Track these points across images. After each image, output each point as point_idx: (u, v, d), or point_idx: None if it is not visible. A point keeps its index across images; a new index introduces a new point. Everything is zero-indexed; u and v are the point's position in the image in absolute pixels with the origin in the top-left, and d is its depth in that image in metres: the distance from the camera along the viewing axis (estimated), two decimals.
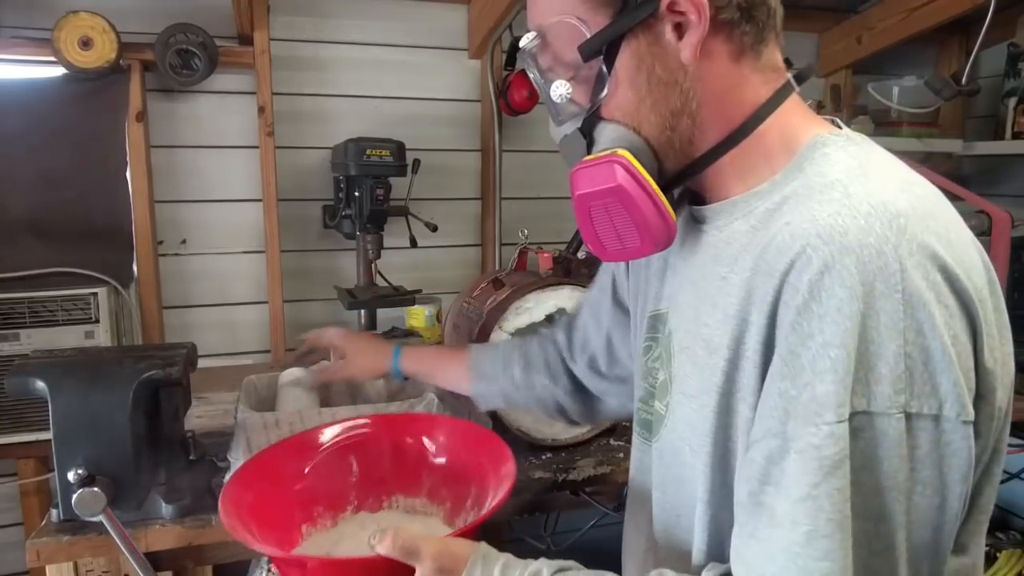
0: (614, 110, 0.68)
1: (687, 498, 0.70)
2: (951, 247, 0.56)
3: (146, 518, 1.03)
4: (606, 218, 0.68)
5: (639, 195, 0.65)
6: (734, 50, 0.65)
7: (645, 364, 0.80)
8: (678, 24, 0.63)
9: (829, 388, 0.53)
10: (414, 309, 1.92)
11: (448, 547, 0.69)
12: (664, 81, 0.65)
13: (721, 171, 0.69)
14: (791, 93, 0.68)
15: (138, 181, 1.74)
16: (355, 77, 1.97)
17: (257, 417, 1.11)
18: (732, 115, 0.67)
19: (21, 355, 1.34)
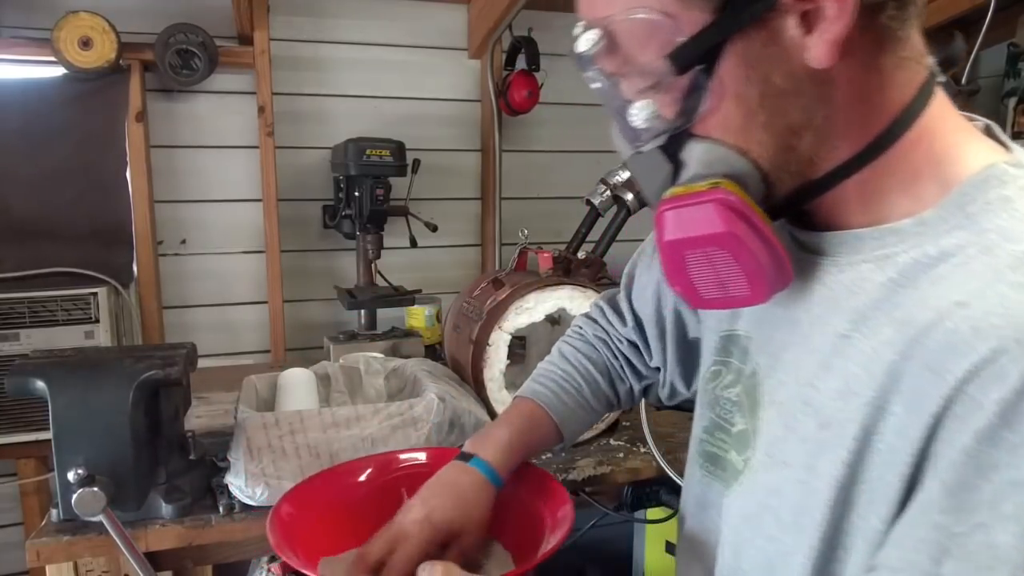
0: (714, 127, 0.53)
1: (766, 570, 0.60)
2: None
3: (146, 518, 1.03)
4: (706, 266, 0.55)
5: (751, 241, 0.52)
6: (877, 41, 0.50)
7: (712, 391, 0.69)
8: (805, 14, 0.48)
9: (1012, 540, 0.42)
10: (414, 309, 1.92)
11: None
12: (783, 91, 0.51)
13: (843, 195, 0.55)
14: (935, 87, 0.53)
15: (138, 181, 1.74)
16: (355, 77, 1.97)
17: (257, 417, 1.12)
18: (868, 125, 0.52)
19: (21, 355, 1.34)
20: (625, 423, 1.40)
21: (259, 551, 1.21)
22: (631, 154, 0.59)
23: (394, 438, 1.12)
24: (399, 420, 1.15)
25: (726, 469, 0.66)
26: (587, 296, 1.31)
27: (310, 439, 1.10)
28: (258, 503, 1.05)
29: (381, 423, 1.14)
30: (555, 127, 2.20)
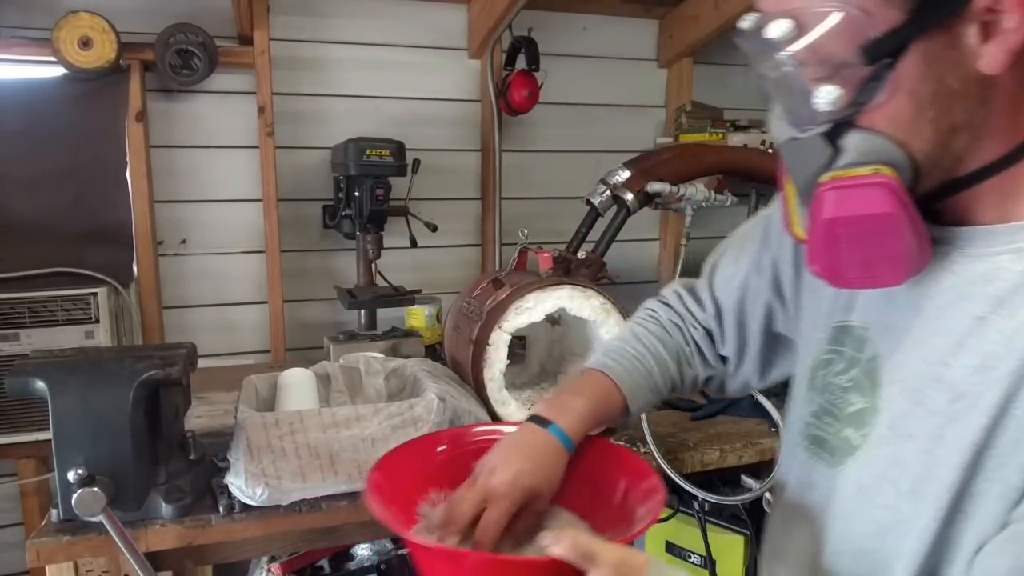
0: (881, 119, 0.58)
1: (882, 538, 0.64)
2: None
3: (146, 518, 1.03)
4: (855, 245, 0.60)
5: (905, 225, 0.57)
6: None
7: (823, 378, 0.73)
8: (985, 24, 0.53)
9: None
10: (414, 309, 1.92)
11: (628, 556, 0.62)
12: (953, 92, 0.56)
13: (980, 193, 0.60)
14: None
15: (138, 181, 1.74)
16: (355, 77, 1.97)
17: (257, 417, 1.12)
18: (1016, 130, 0.58)
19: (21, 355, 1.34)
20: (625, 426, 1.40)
21: (259, 551, 1.22)
22: (786, 140, 0.64)
23: (394, 438, 1.12)
24: (399, 420, 1.15)
25: (834, 450, 0.70)
26: (587, 296, 1.31)
27: (310, 439, 1.10)
28: (258, 503, 1.05)
29: (381, 423, 1.14)
30: (555, 127, 2.20)
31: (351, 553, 1.77)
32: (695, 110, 2.17)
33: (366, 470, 1.10)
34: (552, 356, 1.60)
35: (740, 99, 2.33)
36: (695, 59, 2.26)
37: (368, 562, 1.75)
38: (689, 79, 2.27)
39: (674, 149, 1.89)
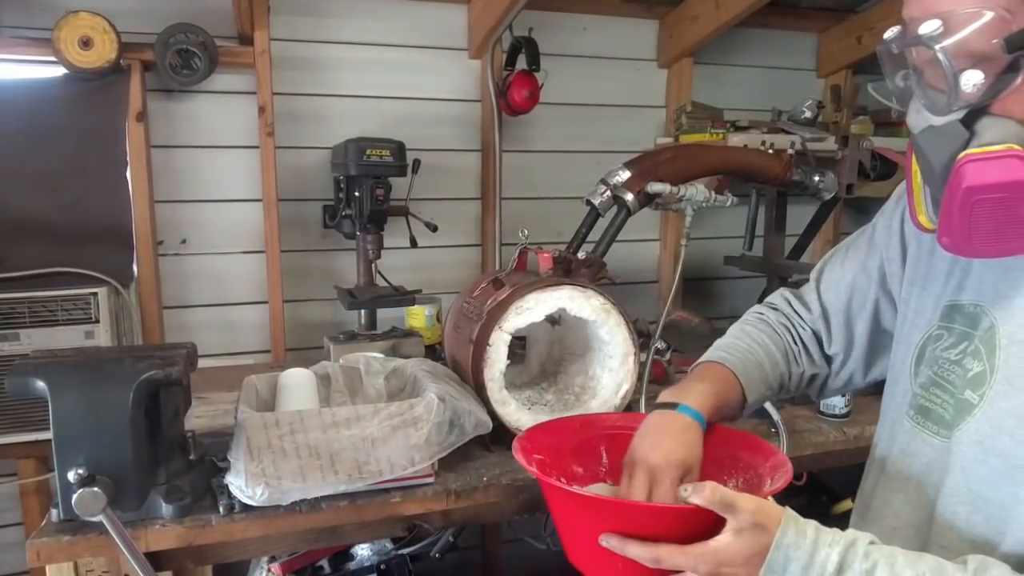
0: (1013, 106, 0.68)
1: (998, 484, 0.72)
2: None
3: (146, 518, 1.03)
4: (992, 213, 0.68)
5: None
6: None
7: (933, 352, 0.82)
8: None
9: None
10: (414, 309, 1.92)
11: (763, 505, 0.70)
12: None
13: None
14: None
15: (138, 181, 1.74)
16: (355, 77, 1.97)
17: (257, 417, 1.11)
18: None
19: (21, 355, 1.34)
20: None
21: (259, 551, 1.22)
22: (923, 129, 0.73)
23: (394, 438, 1.12)
24: (399, 420, 1.15)
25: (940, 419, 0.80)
26: (587, 296, 1.31)
27: (310, 439, 1.10)
28: (258, 503, 1.04)
29: (381, 423, 1.14)
30: (555, 127, 2.20)
31: (351, 553, 1.77)
32: (695, 110, 2.17)
33: (366, 470, 1.11)
34: (552, 356, 1.60)
35: (740, 99, 2.33)
36: (695, 59, 2.26)
37: (368, 562, 1.75)
38: (689, 79, 2.27)
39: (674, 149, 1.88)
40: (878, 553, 0.66)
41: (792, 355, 1.03)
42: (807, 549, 0.67)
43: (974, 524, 0.74)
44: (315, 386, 1.34)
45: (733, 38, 2.27)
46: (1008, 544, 0.70)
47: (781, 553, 0.67)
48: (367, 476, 1.11)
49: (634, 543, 0.73)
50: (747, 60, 2.38)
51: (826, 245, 2.39)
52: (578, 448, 0.98)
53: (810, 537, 0.67)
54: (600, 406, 1.35)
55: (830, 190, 1.70)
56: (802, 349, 1.03)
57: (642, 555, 0.72)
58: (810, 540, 0.67)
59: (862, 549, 0.66)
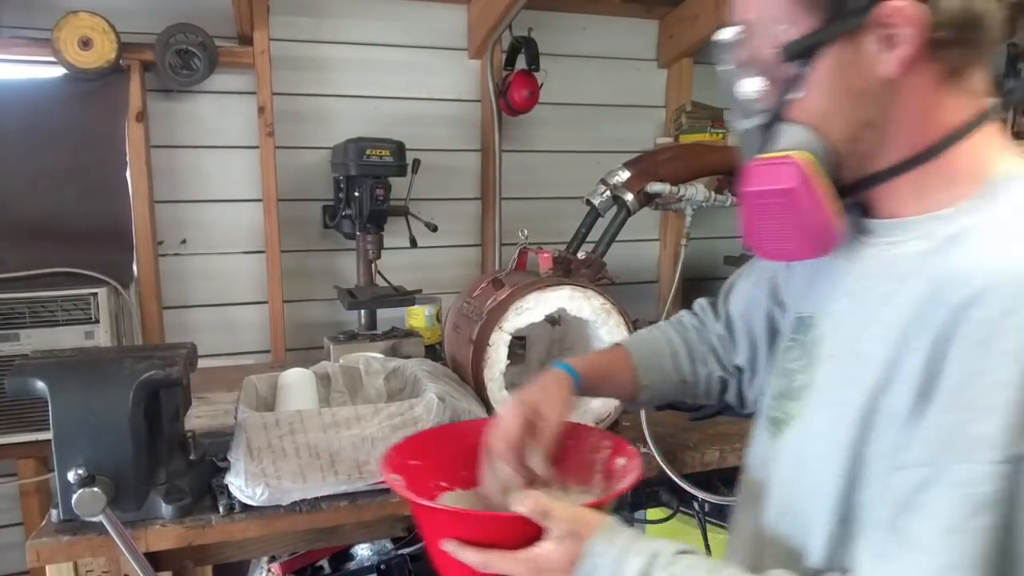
0: (802, 113, 0.68)
1: (805, 501, 0.71)
2: None
3: (146, 518, 1.03)
4: (769, 217, 0.69)
5: (809, 201, 0.66)
6: (938, 71, 0.64)
7: (782, 364, 0.82)
8: (886, 37, 0.62)
9: (994, 427, 0.53)
10: (414, 309, 1.92)
11: (580, 514, 0.73)
12: (859, 92, 0.65)
13: (898, 189, 0.68)
14: (990, 119, 0.66)
15: (138, 181, 1.74)
16: (355, 77, 1.97)
17: (257, 417, 1.12)
18: (922, 135, 0.65)
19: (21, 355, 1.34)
20: (625, 423, 1.40)
21: (259, 551, 1.22)
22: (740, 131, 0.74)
23: (394, 438, 1.12)
24: (399, 420, 1.15)
25: (783, 420, 0.79)
26: (587, 296, 1.31)
27: (310, 439, 1.10)
28: (258, 503, 1.05)
29: (381, 423, 1.14)
30: (555, 127, 2.20)
31: (351, 553, 1.77)
32: (695, 110, 2.17)
33: (366, 470, 1.11)
34: (552, 356, 1.60)
35: None
36: (695, 59, 2.26)
37: (368, 562, 1.75)
38: (689, 79, 2.27)
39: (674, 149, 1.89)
40: (680, 564, 0.67)
41: (699, 355, 1.03)
42: (613, 557, 0.69)
43: (793, 537, 0.73)
44: (315, 386, 1.34)
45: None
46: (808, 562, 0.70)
47: (590, 561, 0.70)
48: (367, 476, 1.11)
49: (469, 549, 0.77)
50: None
51: None
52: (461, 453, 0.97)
53: (618, 546, 0.69)
54: (600, 406, 1.35)
55: None
56: (709, 351, 1.03)
57: (474, 560, 0.76)
58: (618, 549, 0.69)
59: (664, 559, 0.67)
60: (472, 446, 0.96)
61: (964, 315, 0.56)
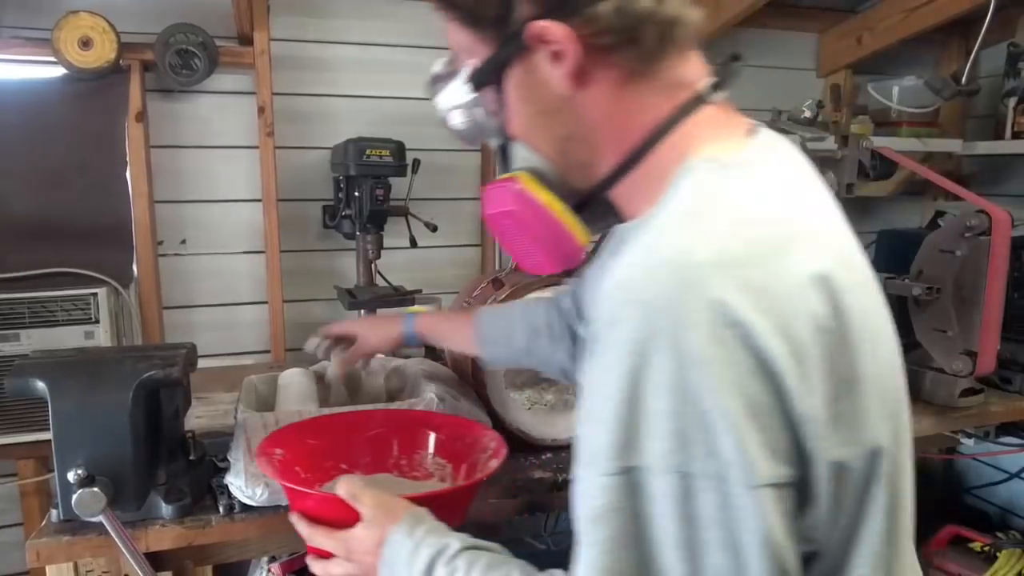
0: (515, 133, 0.70)
1: None
2: (765, 297, 0.51)
3: (146, 518, 1.03)
4: (511, 237, 0.72)
5: (532, 219, 0.68)
6: (619, 74, 0.63)
7: None
8: (552, 54, 0.62)
9: (604, 439, 0.53)
10: (414, 309, 1.92)
11: (387, 501, 0.80)
12: (549, 109, 0.66)
13: (626, 193, 0.68)
14: (698, 107, 0.65)
15: (138, 181, 1.74)
16: (355, 77, 1.97)
17: (257, 417, 1.12)
18: (625, 138, 0.65)
19: (21, 355, 1.34)
20: None
21: (259, 551, 1.21)
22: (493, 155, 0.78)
23: None
24: None
25: None
26: None
27: None
28: (258, 503, 1.05)
29: None
30: None
31: None
32: None
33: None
34: None
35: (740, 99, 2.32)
36: None
37: None
38: None
39: None
40: (463, 559, 0.70)
41: (554, 330, 1.08)
42: (409, 548, 0.73)
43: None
44: (315, 386, 1.34)
45: (733, 38, 2.27)
46: None
47: (391, 549, 0.75)
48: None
49: (301, 522, 0.85)
50: (747, 60, 2.36)
51: None
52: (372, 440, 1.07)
53: (415, 538, 0.73)
54: None
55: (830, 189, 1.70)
56: (565, 328, 1.07)
57: (303, 532, 0.85)
58: (414, 541, 0.73)
59: (448, 554, 0.71)
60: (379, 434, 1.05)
61: (591, 328, 0.58)
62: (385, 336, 1.23)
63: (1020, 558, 2.00)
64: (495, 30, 0.65)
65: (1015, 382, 1.65)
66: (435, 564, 0.70)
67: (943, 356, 1.45)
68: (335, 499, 0.81)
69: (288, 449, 0.98)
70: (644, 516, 0.53)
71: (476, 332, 1.16)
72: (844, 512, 0.57)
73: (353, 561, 0.80)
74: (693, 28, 0.65)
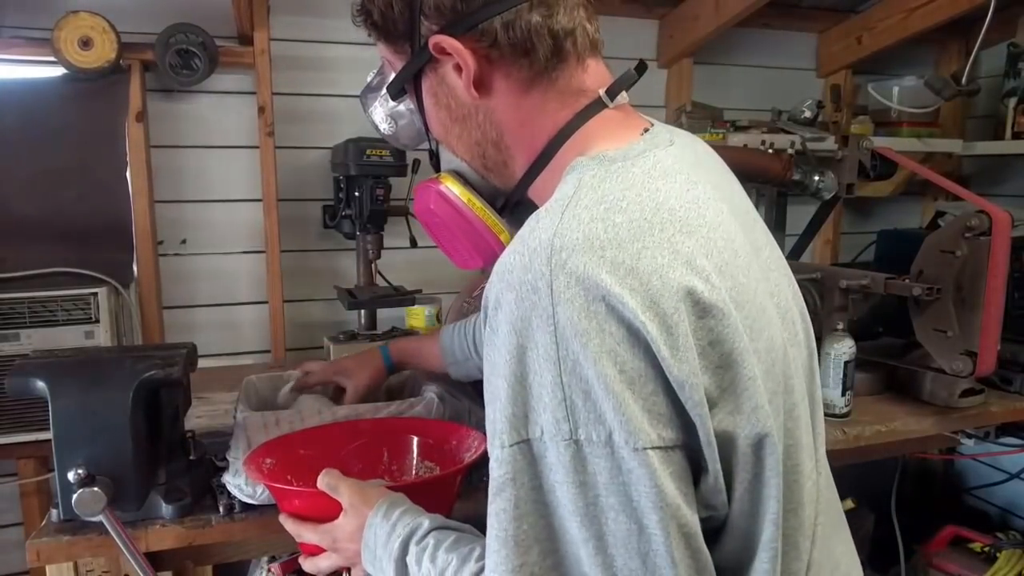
0: (436, 137, 0.76)
1: None
2: (633, 275, 0.55)
3: (146, 518, 1.03)
4: (438, 233, 0.78)
5: (453, 217, 0.74)
6: (519, 82, 0.68)
7: None
8: (456, 65, 0.68)
9: (501, 415, 0.57)
10: (414, 309, 1.92)
11: (364, 489, 0.83)
12: (460, 115, 0.71)
13: (539, 191, 0.73)
14: (597, 112, 0.70)
15: (138, 181, 1.74)
16: (355, 77, 1.96)
17: (257, 417, 1.12)
18: (533, 142, 0.70)
19: (21, 355, 1.34)
20: None
21: (259, 551, 1.22)
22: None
23: None
24: None
25: None
26: None
27: None
28: (258, 503, 1.04)
29: None
30: None
31: None
32: (695, 110, 2.17)
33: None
34: None
35: (740, 99, 2.33)
36: (695, 59, 2.26)
37: None
38: (689, 79, 2.27)
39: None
40: (434, 538, 0.73)
41: None
42: (387, 529, 0.76)
43: None
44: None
45: (733, 38, 2.27)
46: None
47: (371, 532, 0.77)
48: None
49: (289, 520, 0.89)
50: (747, 60, 2.38)
51: (826, 245, 2.39)
52: (362, 448, 1.09)
53: (391, 520, 0.76)
54: None
55: (830, 190, 1.70)
56: None
57: (291, 530, 0.88)
58: (391, 523, 0.76)
59: (420, 533, 0.74)
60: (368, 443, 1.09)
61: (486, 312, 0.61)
62: (374, 373, 1.29)
63: (1020, 559, 2.00)
64: (407, 43, 0.70)
65: (1015, 382, 1.65)
66: (408, 543, 0.73)
67: (943, 356, 1.45)
68: (317, 493, 0.84)
69: (278, 459, 1.01)
70: (546, 487, 0.56)
71: (441, 351, 1.24)
72: (741, 486, 0.59)
73: (339, 551, 0.83)
74: (590, 39, 0.70)
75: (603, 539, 0.54)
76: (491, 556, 0.58)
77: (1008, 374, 1.65)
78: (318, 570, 0.87)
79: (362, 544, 0.78)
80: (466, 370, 1.23)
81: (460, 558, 0.68)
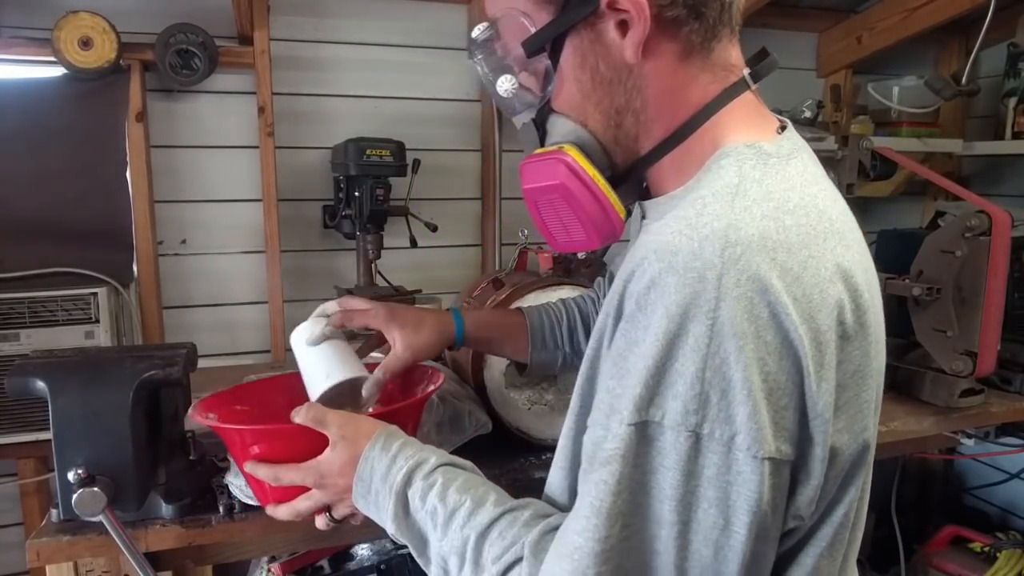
0: (562, 104, 0.69)
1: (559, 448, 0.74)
2: (798, 284, 0.55)
3: (146, 518, 1.03)
4: (552, 212, 0.70)
5: (582, 193, 0.67)
6: (681, 48, 0.64)
7: None
8: (622, 22, 0.63)
9: (630, 392, 0.56)
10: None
11: (354, 420, 0.78)
12: (608, 79, 0.66)
13: (663, 169, 0.69)
14: (742, 92, 0.67)
15: (138, 181, 1.74)
16: (355, 77, 1.97)
17: None
18: (676, 114, 0.66)
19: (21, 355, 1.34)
20: None
21: (259, 551, 1.22)
22: (520, 126, 0.73)
23: None
24: None
25: None
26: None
27: None
28: (258, 503, 1.04)
29: None
30: None
31: (351, 553, 1.77)
32: None
33: None
34: None
35: None
36: None
37: (368, 562, 1.75)
38: None
39: None
40: (442, 475, 0.71)
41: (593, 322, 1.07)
42: (387, 462, 0.73)
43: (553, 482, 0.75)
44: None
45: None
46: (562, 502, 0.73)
47: (368, 464, 0.74)
48: None
49: (262, 466, 0.81)
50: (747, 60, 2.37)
51: None
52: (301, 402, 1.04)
53: (392, 452, 0.73)
54: None
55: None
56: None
57: (265, 475, 0.81)
58: (391, 455, 0.73)
59: (427, 468, 0.71)
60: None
61: (627, 289, 0.59)
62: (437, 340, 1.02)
63: (1020, 559, 2.00)
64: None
65: (1015, 382, 1.65)
66: (413, 477, 0.71)
67: (943, 356, 1.45)
68: (299, 429, 0.78)
69: (220, 413, 0.96)
70: (651, 467, 0.56)
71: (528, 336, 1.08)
72: (825, 496, 0.60)
73: (326, 487, 0.78)
74: (739, 12, 0.67)
75: (688, 525, 0.55)
76: (579, 521, 0.57)
77: (1008, 374, 1.65)
78: (296, 513, 0.81)
79: (355, 477, 0.74)
80: (547, 361, 1.10)
81: (474, 501, 0.68)
